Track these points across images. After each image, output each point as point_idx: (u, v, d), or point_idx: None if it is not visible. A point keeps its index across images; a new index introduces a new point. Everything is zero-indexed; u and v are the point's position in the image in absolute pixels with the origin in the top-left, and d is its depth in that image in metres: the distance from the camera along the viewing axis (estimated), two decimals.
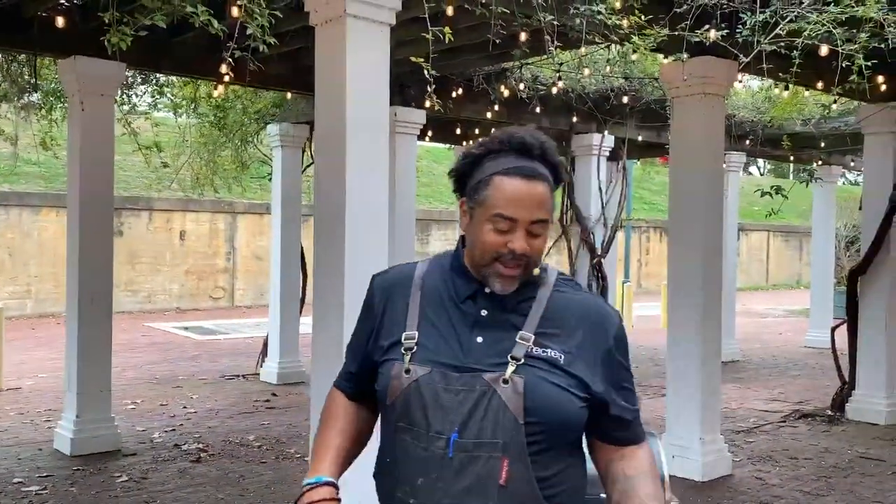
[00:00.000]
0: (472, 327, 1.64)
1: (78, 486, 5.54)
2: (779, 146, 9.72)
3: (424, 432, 1.59)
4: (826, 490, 5.71)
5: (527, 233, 1.61)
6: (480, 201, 1.64)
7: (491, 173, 1.63)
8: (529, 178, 1.61)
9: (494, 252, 1.62)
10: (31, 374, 9.79)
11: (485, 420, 1.56)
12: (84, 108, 6.17)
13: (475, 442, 1.56)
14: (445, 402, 1.58)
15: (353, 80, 4.08)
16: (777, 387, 9.71)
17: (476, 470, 1.55)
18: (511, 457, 1.56)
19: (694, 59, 5.68)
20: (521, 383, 1.57)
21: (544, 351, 1.61)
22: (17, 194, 15.83)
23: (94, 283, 6.35)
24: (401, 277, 1.77)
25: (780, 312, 19.74)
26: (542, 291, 1.68)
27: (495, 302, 1.66)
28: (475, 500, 1.55)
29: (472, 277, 1.68)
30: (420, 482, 1.59)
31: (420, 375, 1.61)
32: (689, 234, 6.07)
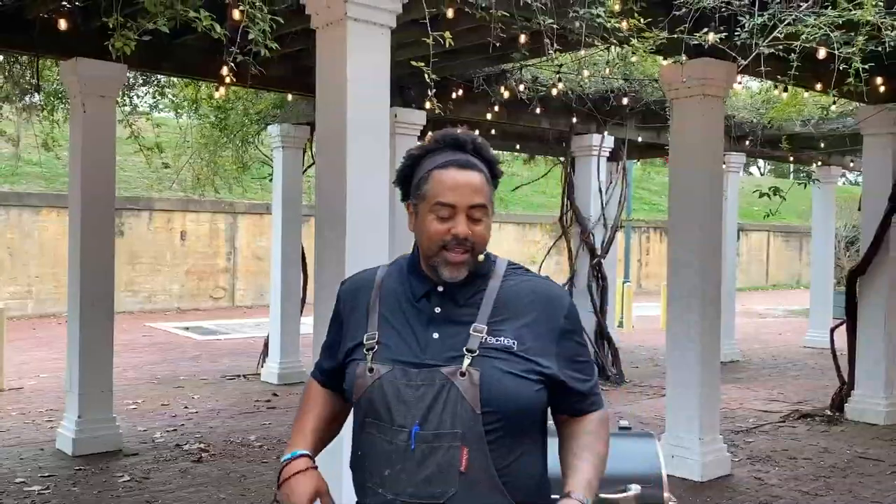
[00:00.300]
0: (428, 324, 1.74)
1: (80, 485, 5.56)
2: (778, 147, 9.75)
3: (389, 426, 1.69)
4: (825, 490, 5.74)
5: (467, 218, 1.72)
6: (422, 196, 1.75)
7: (429, 169, 1.75)
8: (463, 167, 1.74)
9: (440, 240, 1.72)
10: (32, 374, 9.82)
11: (444, 412, 1.65)
12: (85, 110, 6.19)
13: (435, 433, 1.65)
14: (407, 397, 1.68)
15: (354, 83, 4.10)
16: (776, 387, 9.73)
17: (437, 459, 1.65)
18: (470, 445, 1.65)
19: (693, 61, 5.70)
20: (477, 375, 1.66)
21: (497, 339, 1.70)
22: (17, 194, 15.86)
23: (96, 284, 6.38)
24: (363, 282, 1.88)
25: (780, 312, 19.77)
26: (491, 283, 1.77)
27: (448, 299, 1.75)
28: (437, 487, 1.64)
29: (427, 277, 1.78)
30: (387, 473, 1.69)
31: (383, 373, 1.71)
32: (689, 234, 6.10)
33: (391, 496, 1.68)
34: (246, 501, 5.33)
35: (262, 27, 3.53)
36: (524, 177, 13.43)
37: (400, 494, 1.67)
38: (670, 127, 6.20)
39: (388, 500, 1.68)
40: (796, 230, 28.12)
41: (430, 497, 1.65)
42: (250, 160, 10.03)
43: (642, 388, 9.46)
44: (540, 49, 4.44)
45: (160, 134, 8.45)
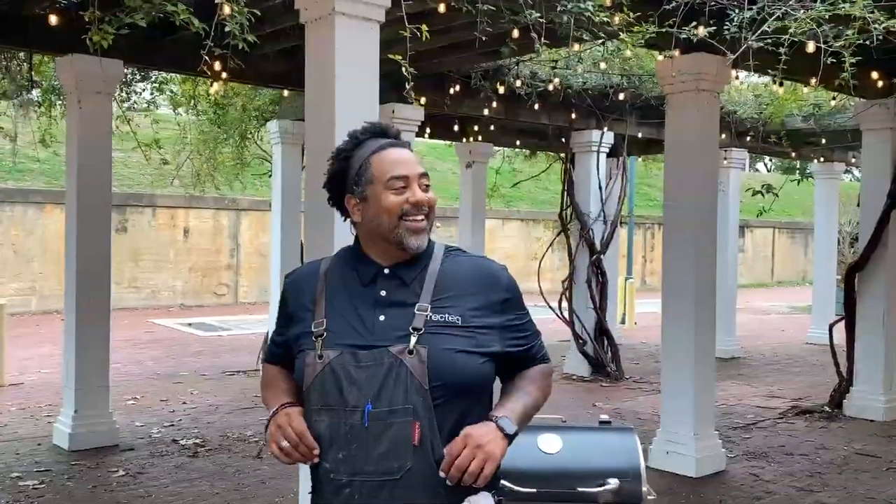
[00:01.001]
0: (374, 307, 1.80)
1: (75, 480, 5.59)
2: (780, 143, 9.73)
3: (342, 409, 1.74)
4: (819, 486, 5.72)
5: (419, 187, 1.83)
6: (369, 180, 1.83)
7: (367, 156, 1.84)
8: (399, 146, 1.87)
9: (399, 210, 1.80)
10: (33, 369, 9.86)
11: (395, 389, 1.71)
12: (81, 106, 6.21)
13: (388, 410, 1.71)
14: (358, 379, 1.73)
15: (343, 78, 4.10)
16: (776, 383, 9.71)
17: (391, 435, 1.71)
18: (421, 419, 1.71)
19: (687, 56, 5.69)
20: (425, 352, 1.73)
21: (441, 317, 1.78)
22: (21, 191, 15.92)
23: (92, 280, 6.39)
24: (307, 274, 1.94)
25: (784, 309, 19.71)
26: (431, 264, 1.85)
27: (393, 281, 1.83)
28: (393, 462, 1.71)
29: (372, 262, 1.85)
30: (342, 456, 1.74)
31: (332, 358, 1.76)
32: (683, 230, 6.08)
33: (347, 478, 1.73)
34: (239, 496, 5.34)
35: (240, 20, 3.53)
36: (526, 173, 13.41)
37: (357, 474, 1.72)
38: (666, 122, 6.18)
39: (345, 482, 1.73)
40: (802, 226, 28.01)
41: (387, 472, 1.71)
42: (250, 157, 10.04)
43: (641, 385, 9.45)
44: (530, 44, 4.42)
45: (159, 131, 8.47)
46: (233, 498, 5.31)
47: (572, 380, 9.78)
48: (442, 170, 22.24)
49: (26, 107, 7.36)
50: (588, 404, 8.41)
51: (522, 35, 4.83)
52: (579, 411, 7.90)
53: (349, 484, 1.73)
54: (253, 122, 9.24)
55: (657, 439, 6.16)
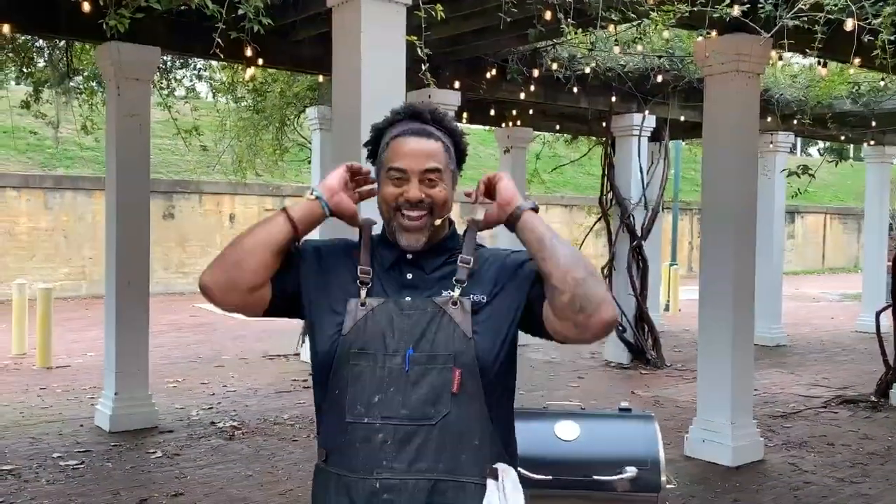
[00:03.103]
0: (400, 290, 1.79)
1: (113, 461, 5.70)
2: (828, 126, 9.46)
3: (382, 353, 1.72)
4: (861, 477, 5.58)
5: (421, 182, 1.77)
6: (380, 164, 1.82)
7: (388, 139, 1.81)
8: (418, 134, 1.79)
9: (393, 203, 1.77)
10: (80, 352, 10.09)
11: (437, 335, 1.71)
12: (120, 93, 6.29)
13: (429, 355, 1.71)
14: (400, 325, 1.73)
15: (369, 62, 4.09)
16: (822, 372, 9.50)
17: (431, 380, 1.70)
18: (462, 367, 1.70)
19: (726, 36, 5.56)
20: (469, 303, 1.74)
21: (468, 296, 1.77)
22: (70, 178, 16.26)
23: (132, 266, 6.50)
24: (337, 241, 1.91)
25: (835, 297, 19.28)
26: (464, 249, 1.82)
27: (418, 267, 1.81)
28: (431, 407, 1.69)
29: (395, 246, 1.82)
30: (377, 399, 1.70)
31: (375, 305, 1.75)
32: (722, 215, 5.96)
33: (379, 422, 1.69)
34: (272, 478, 5.40)
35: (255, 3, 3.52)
36: (567, 158, 13.28)
37: (392, 417, 1.69)
38: (704, 104, 6.05)
39: (376, 426, 1.69)
40: (854, 212, 27.33)
41: (423, 417, 1.69)
42: (289, 143, 10.10)
43: (682, 373, 9.32)
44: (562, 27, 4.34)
45: (199, 118, 8.57)
46: (266, 480, 5.37)
47: (611, 367, 9.69)
48: (483, 155, 22.15)
49: (68, 94, 7.49)
50: (626, 392, 8.33)
51: (554, 17, 4.76)
52: (617, 399, 7.81)
53: (382, 428, 1.69)
54: (292, 108, 9.28)
55: (693, 427, 6.07)
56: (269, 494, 5.10)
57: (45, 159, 16.69)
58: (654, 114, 9.67)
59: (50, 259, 15.87)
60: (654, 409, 7.55)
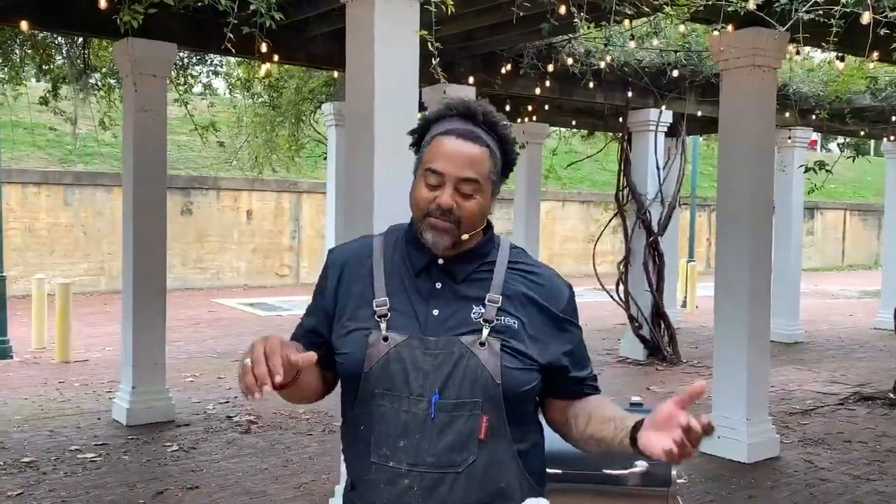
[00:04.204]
0: (429, 300, 1.69)
1: (130, 454, 5.75)
2: (847, 121, 9.39)
3: (406, 396, 1.64)
4: (877, 475, 5.54)
5: (456, 191, 1.65)
6: (419, 160, 1.71)
7: (433, 135, 1.69)
8: (464, 137, 1.66)
9: (424, 207, 1.66)
10: (99, 347, 10.17)
11: (464, 380, 1.63)
12: (137, 89, 6.33)
13: (456, 402, 1.62)
14: (424, 366, 1.63)
15: (382, 58, 4.08)
16: (839, 369, 9.43)
17: (457, 428, 1.62)
18: (489, 414, 1.63)
19: (742, 31, 5.53)
20: (498, 345, 1.64)
21: (498, 319, 1.67)
22: (90, 174, 16.39)
23: (149, 262, 6.55)
24: (358, 250, 1.80)
25: (854, 293, 19.12)
26: (497, 264, 1.73)
27: (449, 274, 1.70)
28: (457, 455, 1.62)
29: (426, 249, 1.71)
30: (402, 444, 1.63)
31: (399, 341, 1.65)
32: (738, 211, 5.93)
33: (405, 467, 1.63)
34: (286, 472, 5.43)
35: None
36: (584, 154, 13.24)
37: (417, 464, 1.62)
38: (720, 99, 6.02)
39: (402, 471, 1.63)
40: (874, 208, 27.09)
41: (450, 465, 1.62)
42: (305, 139, 10.13)
43: (699, 369, 9.28)
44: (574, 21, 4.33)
45: (216, 114, 8.61)
46: (281, 473, 5.40)
47: (627, 363, 9.66)
48: None
49: (86, 91, 7.55)
50: (642, 388, 8.31)
51: (568, 11, 4.75)
52: (632, 395, 7.78)
53: (408, 474, 1.63)
54: (308, 104, 9.31)
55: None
56: (284, 488, 5.13)
57: (64, 155, 16.84)
58: (670, 109, 9.63)
59: (69, 254, 16.01)
60: None
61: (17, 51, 7.20)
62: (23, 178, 15.54)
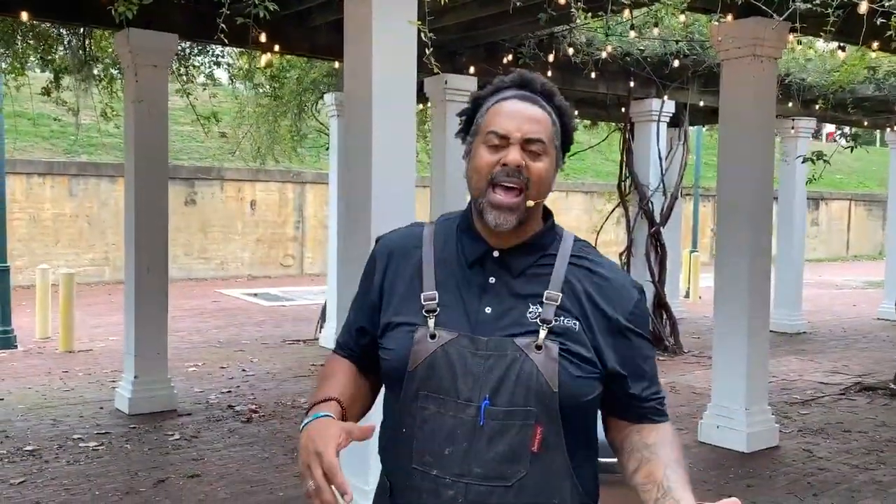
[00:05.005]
0: (481, 296, 1.55)
1: (132, 443, 5.79)
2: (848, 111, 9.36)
3: (453, 400, 1.50)
4: (875, 464, 5.56)
5: (523, 151, 1.52)
6: (476, 130, 1.57)
7: (489, 106, 1.57)
8: (525, 99, 1.55)
9: (488, 172, 1.52)
10: (102, 337, 10.22)
11: (517, 387, 1.49)
12: (138, 80, 6.35)
13: (507, 410, 1.49)
14: (474, 368, 1.50)
15: (380, 48, 4.09)
16: (841, 359, 9.44)
17: (509, 438, 1.49)
18: (544, 424, 1.49)
19: (742, 20, 5.52)
20: (555, 349, 1.49)
21: (557, 319, 1.52)
22: (94, 165, 16.43)
23: (151, 252, 6.57)
24: (406, 238, 1.68)
25: (859, 284, 19.09)
26: (559, 258, 1.59)
27: (504, 267, 1.57)
28: (507, 467, 1.49)
29: (481, 238, 1.58)
30: (448, 452, 1.50)
31: (447, 340, 1.52)
32: (738, 201, 5.92)
33: (451, 477, 1.49)
34: (287, 459, 5.46)
35: None
36: (587, 144, 13.23)
37: (464, 475, 1.49)
38: (720, 89, 6.01)
39: (447, 482, 1.49)
40: (879, 199, 27.02)
41: (499, 478, 1.48)
42: (308, 129, 10.14)
43: (700, 359, 9.29)
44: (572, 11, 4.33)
45: (218, 104, 8.62)
46: (281, 462, 5.44)
47: None
48: None
49: (88, 82, 7.57)
50: None
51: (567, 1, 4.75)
52: None
53: (453, 485, 1.49)
54: (310, 94, 9.31)
55: (707, 413, 6.07)
56: (285, 476, 5.16)
57: (69, 146, 16.87)
58: (673, 99, 9.62)
59: (74, 245, 16.07)
60: (670, 396, 7.54)
61: (18, 41, 7.21)
62: (28, 169, 15.59)
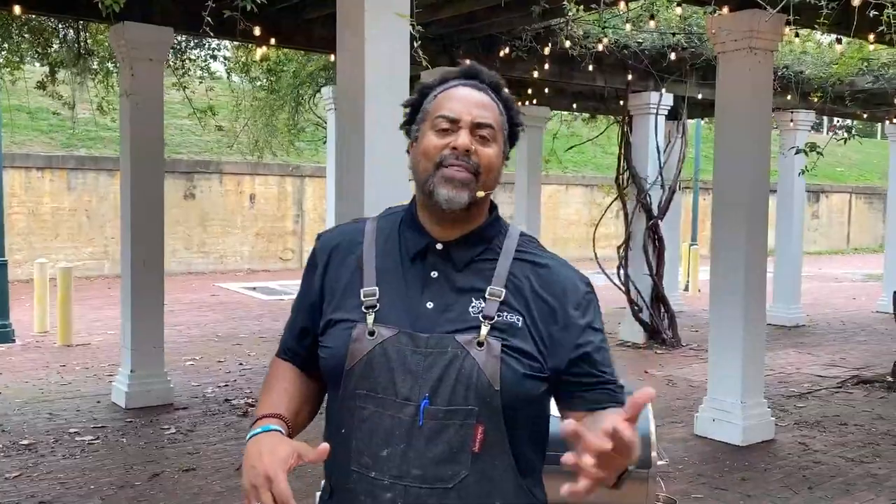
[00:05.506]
0: (422, 291, 1.51)
1: (128, 436, 5.80)
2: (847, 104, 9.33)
3: (391, 399, 1.46)
4: (871, 458, 5.56)
5: (472, 136, 1.49)
6: (424, 116, 1.54)
7: (437, 93, 1.55)
8: (474, 87, 1.53)
9: (436, 155, 1.49)
10: (101, 331, 10.22)
11: (457, 385, 1.44)
12: (133, 74, 6.34)
13: (447, 409, 1.45)
14: (414, 366, 1.46)
15: (372, 42, 4.07)
16: (839, 352, 9.43)
17: (448, 437, 1.45)
18: (486, 424, 1.45)
19: (737, 13, 5.50)
20: (498, 346, 1.45)
21: (500, 315, 1.48)
22: (92, 158, 16.41)
23: (147, 245, 6.57)
24: (348, 234, 1.63)
25: (859, 277, 19.07)
26: (503, 252, 1.55)
27: (447, 260, 1.52)
28: (447, 468, 1.45)
29: (424, 231, 1.55)
30: (385, 453, 1.46)
31: (386, 337, 1.48)
32: (734, 194, 5.92)
33: (389, 479, 1.45)
34: None
35: None
36: (586, 137, 13.21)
37: (403, 477, 1.45)
38: (717, 82, 5.99)
39: (385, 484, 1.45)
40: (880, 191, 26.98)
41: (438, 480, 1.44)
42: (305, 123, 10.13)
43: (698, 352, 9.28)
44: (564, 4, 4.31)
45: (214, 98, 8.60)
46: None
47: (627, 346, 9.68)
48: None
49: (83, 75, 7.56)
50: (640, 371, 8.33)
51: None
52: (630, 378, 7.81)
53: (391, 487, 1.45)
54: (307, 88, 9.30)
55: (703, 406, 6.07)
56: None
57: (67, 140, 16.85)
58: (671, 92, 9.59)
59: (73, 239, 16.06)
60: (666, 389, 7.55)
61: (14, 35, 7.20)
62: (26, 163, 15.57)
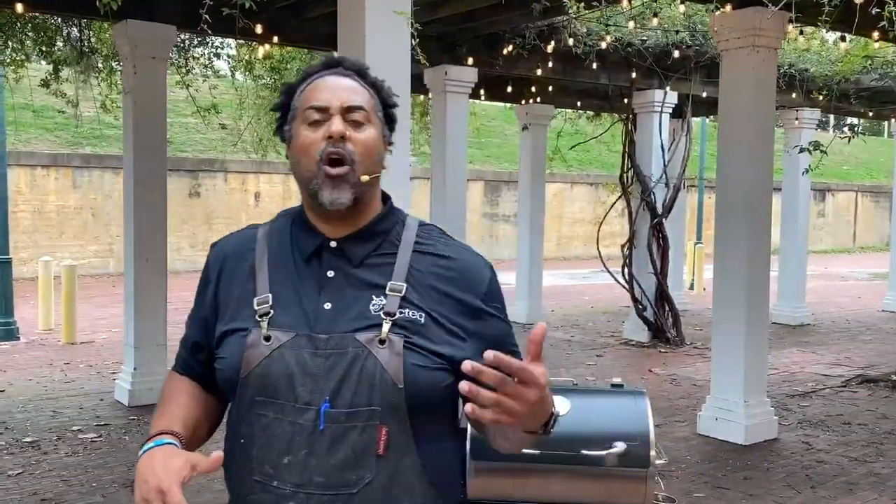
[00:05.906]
0: (319, 291, 1.46)
1: (131, 434, 5.80)
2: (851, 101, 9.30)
3: (291, 405, 1.40)
4: (874, 457, 5.53)
5: (344, 122, 1.44)
6: (294, 114, 1.48)
7: (302, 88, 1.50)
8: (338, 73, 1.49)
9: (315, 151, 1.43)
10: (105, 329, 10.25)
11: (359, 385, 1.39)
12: (136, 71, 6.34)
13: (349, 411, 1.39)
14: (314, 370, 1.40)
15: (374, 40, 4.07)
16: (844, 351, 9.40)
17: (351, 441, 1.39)
18: (390, 424, 1.40)
19: (741, 10, 5.48)
20: (400, 343, 1.40)
21: (401, 311, 1.43)
22: (97, 157, 16.46)
23: (149, 243, 6.58)
24: (242, 240, 1.58)
25: (865, 276, 19.02)
26: (402, 243, 1.50)
27: (342, 258, 1.47)
28: (351, 473, 1.39)
29: (316, 230, 1.50)
30: (287, 461, 1.40)
31: (284, 341, 1.42)
32: (736, 193, 5.90)
33: (291, 488, 1.39)
34: None
35: None
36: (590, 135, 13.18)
37: (305, 485, 1.39)
38: (720, 80, 5.97)
39: (287, 492, 1.40)
40: (886, 190, 26.91)
41: (342, 485, 1.39)
42: None
43: (702, 351, 9.26)
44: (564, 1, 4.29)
45: (218, 96, 8.59)
46: None
47: (631, 345, 9.66)
48: (510, 133, 22.05)
49: (87, 73, 7.57)
50: (644, 370, 8.31)
51: None
52: (635, 377, 7.79)
53: (294, 496, 1.39)
54: None
55: (706, 405, 6.05)
56: None
57: (72, 138, 16.90)
58: (675, 90, 9.57)
59: (78, 237, 16.11)
60: (670, 388, 7.53)
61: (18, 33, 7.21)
62: (32, 161, 15.62)
